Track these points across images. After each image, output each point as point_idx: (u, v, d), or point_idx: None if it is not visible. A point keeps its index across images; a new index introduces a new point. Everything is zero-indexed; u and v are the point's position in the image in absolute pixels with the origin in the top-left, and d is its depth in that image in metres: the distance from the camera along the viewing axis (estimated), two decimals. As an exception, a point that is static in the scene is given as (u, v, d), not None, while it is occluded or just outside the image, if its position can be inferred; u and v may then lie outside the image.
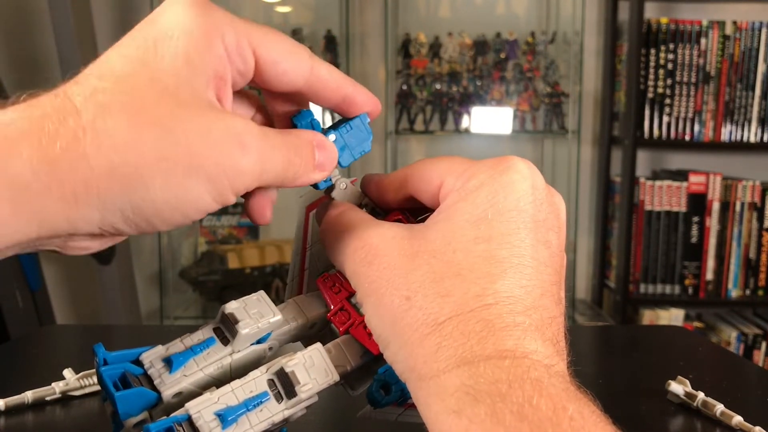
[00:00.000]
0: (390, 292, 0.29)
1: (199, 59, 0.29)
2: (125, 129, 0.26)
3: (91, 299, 2.17)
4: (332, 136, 0.34)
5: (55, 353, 0.74)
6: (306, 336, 0.35)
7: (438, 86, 2.14)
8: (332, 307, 0.34)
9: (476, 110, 2.16)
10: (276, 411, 0.30)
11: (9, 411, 0.55)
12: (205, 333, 0.31)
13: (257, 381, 0.30)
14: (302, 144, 0.32)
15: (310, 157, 0.32)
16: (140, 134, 0.26)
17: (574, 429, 0.24)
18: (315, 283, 0.35)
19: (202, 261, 2.16)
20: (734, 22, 2.06)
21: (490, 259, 0.29)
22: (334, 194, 0.36)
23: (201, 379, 0.30)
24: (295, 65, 0.32)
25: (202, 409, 0.28)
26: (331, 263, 0.35)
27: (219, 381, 0.31)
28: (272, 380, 0.30)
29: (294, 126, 0.34)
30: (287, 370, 0.30)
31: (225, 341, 0.31)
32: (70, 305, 2.24)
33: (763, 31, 2.06)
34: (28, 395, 0.56)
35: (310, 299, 0.35)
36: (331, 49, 2.14)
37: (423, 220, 0.33)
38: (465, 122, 2.16)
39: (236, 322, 0.31)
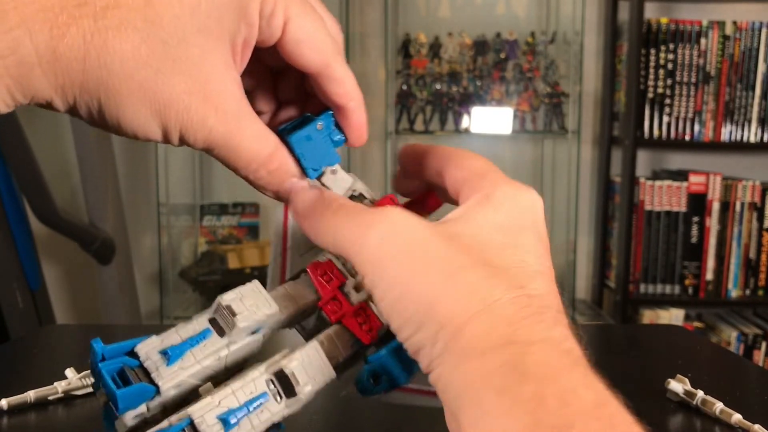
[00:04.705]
0: (427, 272, 0.28)
1: (230, 19, 0.30)
2: (129, 53, 0.29)
3: (91, 299, 2.17)
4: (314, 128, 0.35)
5: (55, 353, 0.74)
6: (296, 322, 0.35)
7: (438, 86, 2.15)
8: (323, 296, 0.33)
9: (476, 110, 2.16)
10: (276, 411, 0.30)
11: (11, 410, 0.55)
12: (200, 324, 0.31)
13: (256, 382, 0.30)
14: (282, 162, 0.33)
15: (281, 180, 0.34)
16: (137, 64, 0.29)
17: (613, 426, 0.25)
18: (297, 262, 0.35)
19: (202, 261, 2.16)
20: (734, 22, 2.06)
21: (520, 263, 0.30)
22: (323, 181, 0.35)
23: (199, 372, 0.30)
24: (315, 54, 0.33)
25: (205, 413, 0.28)
26: (309, 249, 0.35)
27: (214, 373, 0.31)
28: (271, 380, 0.30)
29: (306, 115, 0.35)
30: (287, 371, 0.30)
31: (221, 332, 0.31)
32: (70, 305, 2.24)
33: (763, 31, 2.06)
34: (31, 395, 0.56)
35: (301, 286, 0.35)
36: (331, 49, 2.14)
37: None
38: (465, 122, 2.17)
39: (234, 314, 0.30)
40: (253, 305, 0.31)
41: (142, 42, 0.29)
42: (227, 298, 0.31)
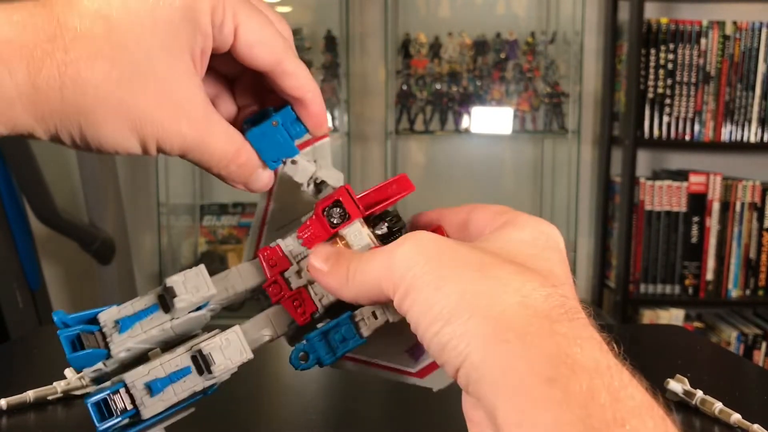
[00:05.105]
0: (458, 269, 0.28)
1: (186, 33, 0.32)
2: (101, 79, 0.31)
3: (91, 299, 2.17)
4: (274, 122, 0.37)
5: (55, 353, 0.74)
6: (250, 297, 0.39)
7: (438, 86, 2.15)
8: (268, 278, 0.37)
9: (476, 110, 2.16)
10: (196, 382, 0.34)
11: (11, 410, 0.55)
12: (151, 299, 0.35)
13: (182, 357, 0.34)
14: (248, 157, 0.36)
15: (249, 172, 0.36)
16: (110, 88, 0.31)
17: (667, 429, 0.25)
18: (271, 237, 0.39)
19: (202, 261, 2.16)
20: (734, 22, 2.06)
21: (549, 271, 0.30)
22: (286, 170, 0.38)
23: (145, 340, 0.35)
24: (267, 54, 0.35)
25: (135, 380, 0.33)
26: (288, 220, 0.38)
27: (163, 339, 0.35)
28: (195, 357, 0.34)
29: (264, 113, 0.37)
30: (204, 352, 0.34)
31: (166, 308, 0.35)
32: (70, 305, 2.24)
33: (763, 31, 2.06)
34: (30, 395, 0.56)
35: (253, 268, 0.38)
36: (331, 49, 2.14)
37: (385, 239, 0.35)
38: (465, 122, 2.17)
39: (174, 295, 0.34)
40: (193, 288, 0.35)
41: (112, 67, 0.31)
42: (172, 279, 0.35)
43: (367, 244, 0.35)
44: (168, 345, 0.35)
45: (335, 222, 0.35)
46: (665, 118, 2.09)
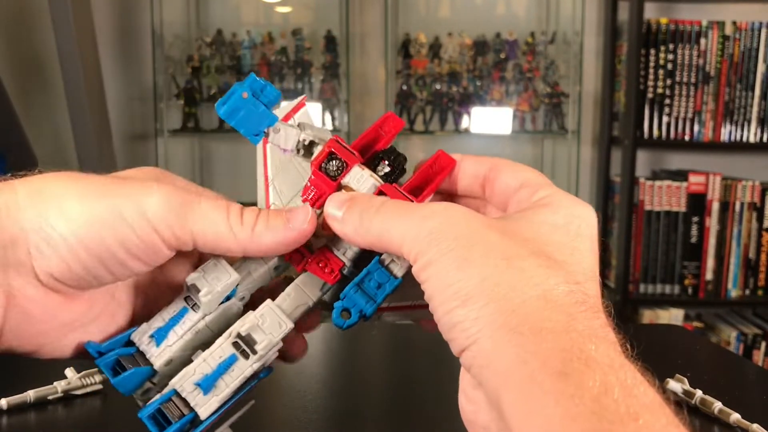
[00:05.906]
0: (484, 253, 0.28)
1: (151, 255, 0.32)
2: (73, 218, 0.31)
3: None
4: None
5: (56, 352, 0.74)
6: (277, 275, 0.37)
7: (438, 86, 2.15)
8: None
9: (476, 110, 2.16)
10: (245, 367, 0.33)
11: (11, 410, 0.55)
12: (178, 304, 0.35)
13: (223, 347, 0.33)
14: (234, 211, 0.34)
15: (282, 221, 0.33)
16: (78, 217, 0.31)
17: (678, 426, 0.25)
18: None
19: (202, 261, 2.16)
20: (734, 22, 2.06)
21: (577, 263, 0.30)
22: (271, 141, 0.36)
23: (183, 345, 0.34)
24: (223, 246, 0.34)
25: (184, 382, 0.33)
26: (293, 197, 0.36)
27: (202, 340, 0.35)
28: (237, 342, 0.34)
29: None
30: (243, 334, 0.34)
31: (195, 308, 0.35)
32: (71, 305, 2.24)
33: (763, 31, 2.06)
34: (30, 394, 0.56)
35: None
36: (331, 49, 2.14)
37: (390, 177, 0.35)
38: (465, 122, 2.17)
39: (198, 291, 0.34)
40: (214, 278, 0.34)
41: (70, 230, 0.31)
42: (192, 276, 0.34)
43: (373, 184, 0.34)
44: (209, 346, 0.34)
45: (334, 174, 0.34)
46: (665, 118, 2.09)
